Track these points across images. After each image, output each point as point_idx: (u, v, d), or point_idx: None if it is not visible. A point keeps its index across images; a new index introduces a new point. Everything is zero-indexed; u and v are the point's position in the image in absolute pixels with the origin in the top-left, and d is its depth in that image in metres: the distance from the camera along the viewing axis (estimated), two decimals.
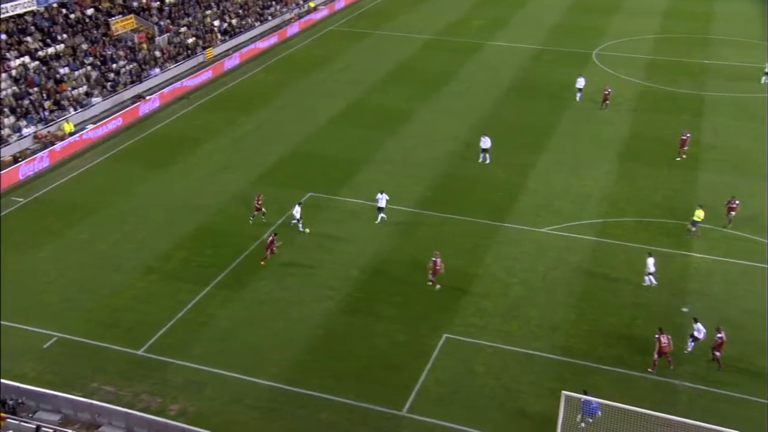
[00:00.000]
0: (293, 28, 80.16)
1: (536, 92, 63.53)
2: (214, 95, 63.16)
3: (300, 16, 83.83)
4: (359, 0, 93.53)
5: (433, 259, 36.80)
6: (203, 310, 35.26)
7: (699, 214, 41.33)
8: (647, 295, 36.59)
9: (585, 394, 28.23)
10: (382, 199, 42.48)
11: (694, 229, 41.34)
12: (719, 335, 31.55)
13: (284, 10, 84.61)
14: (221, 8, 78.81)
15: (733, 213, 42.15)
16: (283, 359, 32.14)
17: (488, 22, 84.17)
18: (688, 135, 51.28)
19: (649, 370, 31.71)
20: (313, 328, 34.12)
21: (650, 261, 36.72)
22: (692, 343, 32.60)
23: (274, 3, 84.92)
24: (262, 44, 74.82)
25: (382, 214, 42.65)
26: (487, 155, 50.15)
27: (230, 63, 69.78)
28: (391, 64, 70.23)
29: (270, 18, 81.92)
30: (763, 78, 64.49)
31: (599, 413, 27.92)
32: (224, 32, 75.43)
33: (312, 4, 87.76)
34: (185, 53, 69.63)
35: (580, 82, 61.00)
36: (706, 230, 41.85)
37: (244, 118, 57.97)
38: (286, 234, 41.33)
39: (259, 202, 42.56)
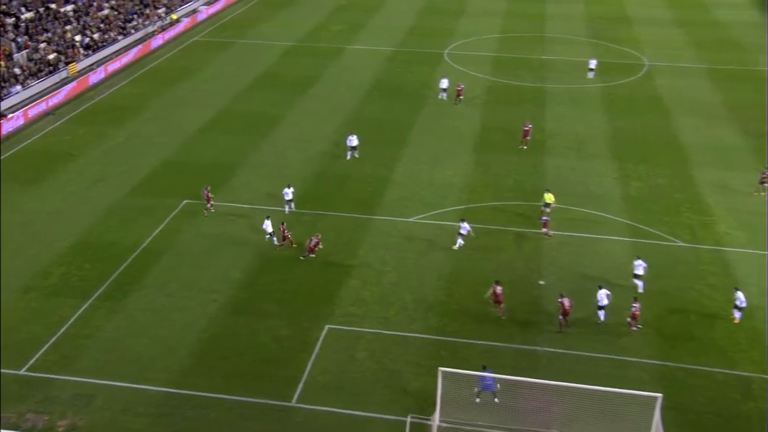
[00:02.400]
0: (157, 41, 77.54)
1: (395, 91, 64.31)
2: (81, 109, 60.25)
3: (163, 29, 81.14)
4: (221, 11, 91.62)
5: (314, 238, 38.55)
6: (87, 323, 33.64)
7: (548, 198, 43.06)
8: (508, 273, 37.81)
9: (484, 370, 28.91)
10: (289, 193, 43.05)
11: (548, 210, 43.12)
12: (561, 300, 33.12)
13: (147, 23, 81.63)
14: (81, 23, 75.12)
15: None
16: (170, 365, 31.13)
17: (346, 27, 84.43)
18: (530, 126, 53.31)
19: (558, 330, 33.22)
20: (198, 332, 33.22)
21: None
22: (601, 311, 33.87)
23: (136, 16, 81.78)
24: (127, 57, 71.95)
25: (291, 206, 43.24)
26: (356, 153, 50.38)
27: (95, 77, 66.72)
28: (256, 71, 69.22)
29: (133, 31, 78.84)
30: (589, 73, 67.71)
31: (495, 388, 28.60)
32: (87, 47, 71.94)
33: (174, 17, 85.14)
34: (47, 69, 65.96)
35: (444, 83, 62.06)
36: (557, 209, 43.65)
37: (114, 130, 55.62)
38: (165, 239, 40.08)
39: (209, 194, 42.98)
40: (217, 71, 69.47)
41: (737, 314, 33.97)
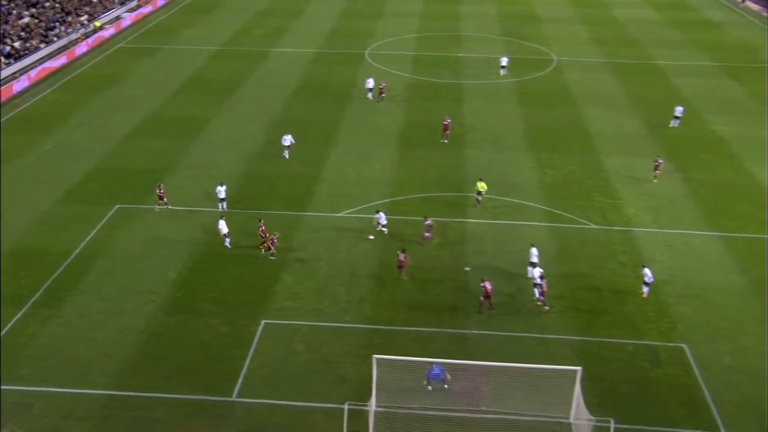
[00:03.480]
0: (81, 48, 75.02)
1: (320, 91, 64.06)
2: (7, 118, 57.83)
3: (87, 36, 78.58)
4: (144, 17, 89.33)
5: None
6: (23, 332, 32.44)
7: (480, 186, 43.76)
8: (435, 261, 38.27)
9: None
10: (222, 191, 42.58)
11: (480, 198, 43.69)
12: (483, 284, 33.71)
13: (69, 30, 78.90)
14: (1, 31, 72.06)
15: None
16: (110, 367, 30.35)
17: (270, 30, 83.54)
18: (449, 120, 54.00)
19: (479, 311, 33.78)
20: (136, 334, 32.48)
21: (534, 251, 37.11)
22: (537, 290, 34.61)
23: (58, 24, 78.95)
24: (51, 65, 69.39)
25: (223, 205, 42.77)
26: (286, 152, 50.09)
27: (19, 86, 64.11)
28: (183, 75, 67.83)
29: (56, 39, 76.07)
30: (501, 70, 68.78)
31: (444, 377, 28.87)
32: (8, 55, 69.07)
33: (97, 24, 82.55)
34: None
35: (370, 83, 62.05)
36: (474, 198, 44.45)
37: (42, 138, 53.66)
38: (99, 244, 39.00)
39: (161, 191, 42.15)
40: (144, 77, 67.78)
41: (645, 289, 35.28)
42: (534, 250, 36.86)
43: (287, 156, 50.11)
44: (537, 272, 34.76)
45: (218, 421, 27.71)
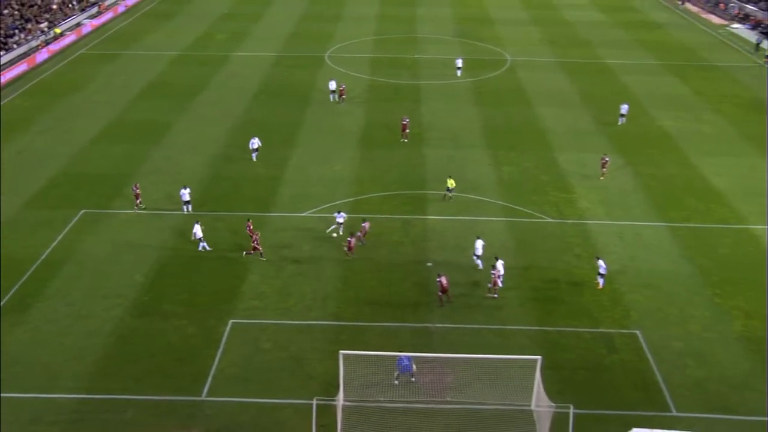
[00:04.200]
0: (42, 55, 73.34)
1: (281, 94, 63.65)
2: None
3: (47, 43, 76.88)
4: (105, 24, 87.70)
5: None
6: None
7: (450, 183, 44.05)
8: (397, 258, 38.31)
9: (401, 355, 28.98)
10: (186, 194, 42.14)
11: (450, 195, 43.94)
12: (439, 279, 33.84)
13: (29, 37, 77.10)
14: None
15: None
16: (79, 371, 29.76)
17: (230, 35, 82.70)
18: (407, 120, 54.12)
19: (439, 305, 33.89)
20: (105, 337, 31.90)
21: (479, 243, 37.41)
22: (498, 279, 34.91)
23: (17, 31, 77.05)
24: (12, 72, 67.67)
25: (188, 208, 42.37)
26: (255, 154, 49.78)
27: None
28: (145, 81, 66.79)
29: (15, 46, 74.26)
30: (457, 71, 69.10)
31: (412, 369, 28.84)
32: None
33: (57, 30, 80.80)
34: None
35: (332, 85, 61.80)
36: (438, 196, 44.59)
37: (5, 144, 52.34)
38: (65, 249, 38.22)
39: (137, 191, 42.26)
40: (106, 82, 66.55)
41: (600, 281, 35.80)
42: (479, 243, 37.22)
43: (255, 159, 49.64)
44: (500, 264, 35.09)
45: (188, 421, 27.36)
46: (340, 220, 39.97)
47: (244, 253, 38.02)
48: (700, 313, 34.14)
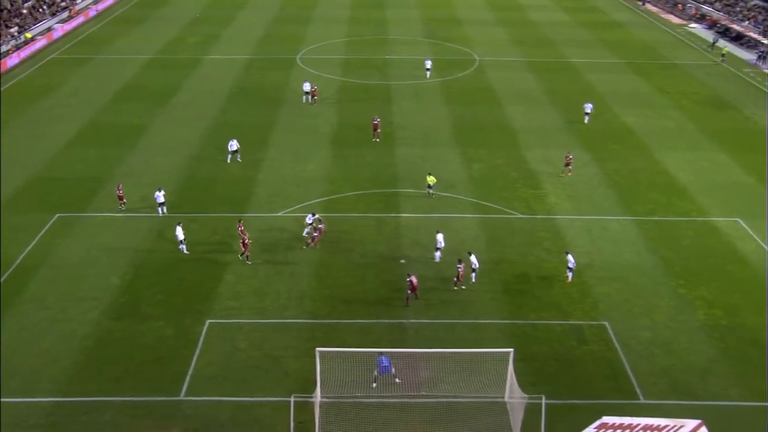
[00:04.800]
0: (13, 60, 71.88)
1: (254, 96, 63.19)
2: None
3: (18, 47, 75.40)
4: (76, 28, 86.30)
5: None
6: None
7: (430, 179, 44.10)
8: (372, 256, 38.25)
9: (380, 356, 28.73)
10: (160, 196, 41.69)
11: (431, 191, 43.99)
12: (409, 278, 33.80)
13: None
14: None
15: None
16: (57, 374, 29.29)
17: (202, 38, 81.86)
18: (378, 119, 54.07)
19: (404, 305, 33.76)
20: (82, 340, 31.42)
21: (439, 236, 37.55)
22: (473, 273, 35.28)
23: None
24: None
25: (163, 210, 41.87)
26: (238, 156, 49.42)
27: None
28: (118, 84, 65.84)
29: None
30: (426, 73, 68.97)
31: (392, 371, 28.74)
32: None
33: (28, 35, 79.27)
34: None
35: (306, 86, 61.49)
36: (411, 194, 44.62)
37: None
38: (40, 253, 37.55)
39: (120, 191, 42.13)
40: (78, 86, 65.51)
41: (569, 274, 36.08)
42: (440, 236, 37.42)
43: (234, 160, 49.28)
44: (473, 258, 35.31)
45: (167, 421, 27.07)
46: (310, 221, 39.74)
47: (242, 256, 37.42)
48: (665, 304, 34.60)
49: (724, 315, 33.82)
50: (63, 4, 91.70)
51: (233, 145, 49.46)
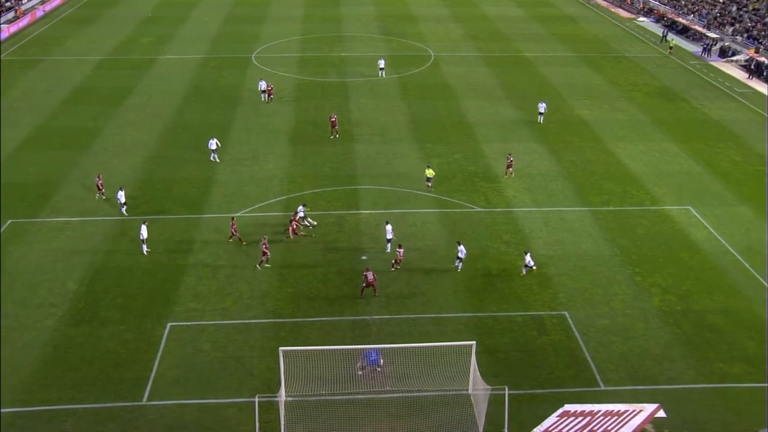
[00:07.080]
0: None
1: (210, 95, 62.43)
2: None
3: None
4: (23, 29, 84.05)
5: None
6: None
7: (429, 172, 44.65)
8: (333, 253, 38.18)
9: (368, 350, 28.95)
10: (122, 196, 41.45)
11: (429, 185, 44.48)
12: (365, 273, 33.87)
13: None
14: None
15: None
16: (15, 384, 28.57)
17: (155, 38, 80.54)
18: (335, 117, 53.96)
19: (358, 297, 34.05)
20: (41, 347, 30.70)
21: (388, 227, 37.78)
22: (459, 263, 36.08)
23: None
24: None
25: (123, 209, 41.64)
26: (215, 155, 48.96)
27: None
28: (69, 86, 64.37)
29: None
30: (380, 72, 68.72)
31: (380, 362, 28.80)
32: None
33: None
34: None
35: (262, 85, 60.91)
36: (370, 190, 44.62)
37: None
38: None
39: (100, 182, 42.66)
40: (28, 89, 63.85)
41: (524, 270, 36.41)
42: (389, 227, 37.83)
43: (216, 159, 48.79)
44: (462, 247, 36.06)
45: (129, 427, 26.64)
46: (301, 215, 39.97)
47: (259, 265, 36.77)
48: (623, 291, 35.32)
49: (678, 300, 34.68)
50: (8, 4, 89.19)
51: (213, 143, 48.90)
